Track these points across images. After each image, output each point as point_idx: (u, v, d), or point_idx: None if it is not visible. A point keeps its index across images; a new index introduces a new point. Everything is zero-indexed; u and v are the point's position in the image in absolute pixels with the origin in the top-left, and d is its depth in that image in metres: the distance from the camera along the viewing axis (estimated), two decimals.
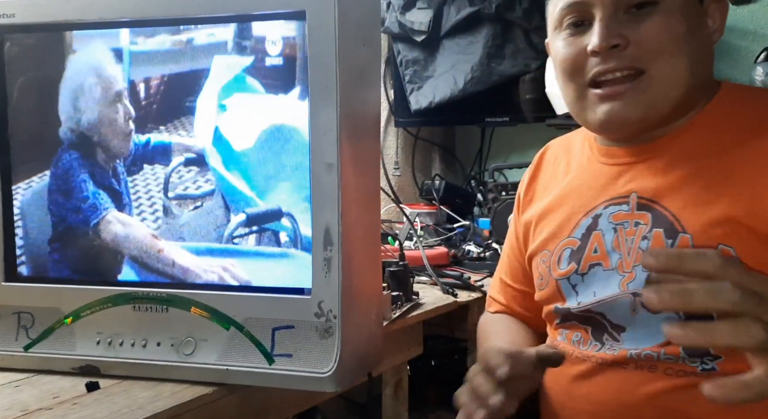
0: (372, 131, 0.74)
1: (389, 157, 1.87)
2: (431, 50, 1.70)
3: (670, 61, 0.64)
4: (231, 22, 0.66)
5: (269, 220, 0.69)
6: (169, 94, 0.69)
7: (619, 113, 0.66)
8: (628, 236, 0.67)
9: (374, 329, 0.74)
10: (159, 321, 0.68)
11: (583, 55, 0.67)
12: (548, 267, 0.75)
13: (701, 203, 0.63)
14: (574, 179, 0.76)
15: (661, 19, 0.64)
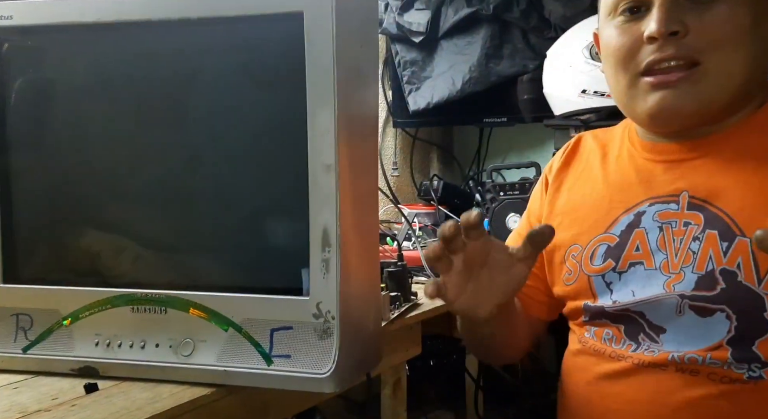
0: (370, 131, 0.74)
1: (387, 157, 1.88)
2: (429, 51, 1.70)
3: (730, 54, 0.61)
4: (228, 24, 0.66)
5: (267, 220, 0.69)
6: (167, 94, 0.69)
7: (672, 103, 0.63)
8: (676, 236, 0.65)
9: (373, 329, 0.74)
10: (157, 323, 0.68)
11: (639, 42, 0.64)
12: (579, 262, 0.73)
13: (762, 205, 0.61)
14: (613, 174, 0.74)
15: (728, 8, 0.61)
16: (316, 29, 0.63)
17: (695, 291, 0.63)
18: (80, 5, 0.69)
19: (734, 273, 0.61)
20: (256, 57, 0.67)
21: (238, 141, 0.69)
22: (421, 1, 1.69)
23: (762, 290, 0.60)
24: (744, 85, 0.64)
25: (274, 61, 0.66)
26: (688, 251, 0.64)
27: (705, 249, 0.63)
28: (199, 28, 0.67)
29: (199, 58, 0.69)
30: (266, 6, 0.65)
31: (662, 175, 0.69)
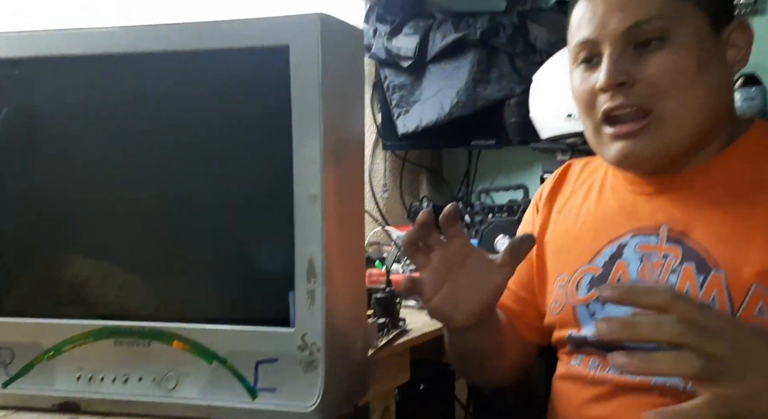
0: (356, 160, 0.75)
1: (377, 179, 1.88)
2: (418, 75, 1.72)
3: (679, 99, 0.63)
4: (215, 56, 0.67)
5: (252, 251, 0.69)
6: (152, 125, 0.70)
7: (632, 151, 0.65)
8: (656, 268, 0.66)
9: (360, 360, 0.73)
10: (141, 356, 0.67)
11: (595, 91, 0.66)
12: (565, 292, 0.74)
13: (736, 240, 0.62)
14: (599, 204, 0.75)
15: (669, 56, 0.63)
16: (302, 62, 0.63)
17: None
18: (67, 37, 0.69)
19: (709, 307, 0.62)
20: (243, 89, 0.67)
21: (224, 172, 0.69)
22: (409, 27, 1.72)
23: None
24: (702, 127, 0.65)
25: (261, 93, 0.67)
26: (667, 284, 0.65)
27: (682, 282, 0.64)
28: (186, 60, 0.68)
29: (185, 89, 0.69)
30: (253, 39, 0.65)
31: (643, 207, 0.71)
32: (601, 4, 0.66)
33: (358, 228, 0.76)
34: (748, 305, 0.60)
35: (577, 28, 0.68)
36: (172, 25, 0.68)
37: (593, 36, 0.66)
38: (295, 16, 0.63)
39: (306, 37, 0.63)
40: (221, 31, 0.66)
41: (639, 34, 0.64)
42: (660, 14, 0.63)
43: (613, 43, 0.65)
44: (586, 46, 0.67)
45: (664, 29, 0.63)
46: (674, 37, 0.63)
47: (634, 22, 0.63)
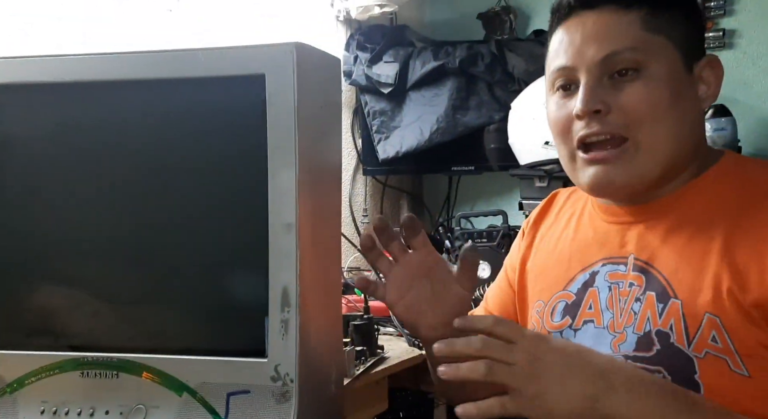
0: (332, 187, 0.75)
1: (358, 204, 1.88)
2: (398, 102, 1.74)
3: (652, 129, 0.65)
4: (191, 85, 0.67)
5: (225, 280, 0.68)
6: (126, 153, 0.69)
7: (605, 177, 0.67)
8: (622, 296, 0.68)
9: (334, 390, 0.72)
10: (108, 388, 0.65)
11: (571, 118, 0.67)
12: (542, 318, 0.75)
13: (692, 269, 0.64)
14: (576, 233, 0.76)
15: (643, 87, 0.65)
16: (277, 92, 0.63)
17: (636, 352, 0.64)
18: (41, 65, 0.69)
19: (667, 334, 0.63)
20: (219, 118, 0.67)
21: (198, 200, 0.68)
22: (389, 54, 1.74)
23: (692, 352, 0.61)
24: (674, 157, 0.66)
25: (236, 122, 0.67)
26: (631, 312, 0.66)
27: (644, 310, 0.65)
28: (162, 88, 0.67)
29: (160, 118, 0.69)
30: (229, 68, 0.66)
31: (615, 237, 0.71)
32: (579, 33, 0.67)
33: (334, 256, 0.75)
34: (703, 333, 0.61)
35: (555, 56, 0.70)
36: (147, 52, 0.68)
37: (570, 63, 0.67)
38: (271, 45, 0.64)
39: (282, 66, 0.63)
40: (197, 60, 0.66)
41: (614, 64, 0.65)
42: (635, 46, 0.65)
43: (590, 71, 0.66)
44: (562, 73, 0.69)
45: (638, 61, 0.65)
46: (648, 69, 0.65)
47: (610, 52, 0.65)
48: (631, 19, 0.65)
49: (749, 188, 0.66)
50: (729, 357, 0.60)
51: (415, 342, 1.17)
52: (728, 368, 0.60)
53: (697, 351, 0.61)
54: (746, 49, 1.60)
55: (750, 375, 0.60)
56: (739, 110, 1.51)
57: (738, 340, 0.60)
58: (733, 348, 0.60)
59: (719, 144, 1.45)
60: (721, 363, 0.60)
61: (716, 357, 0.60)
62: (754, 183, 0.66)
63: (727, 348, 0.60)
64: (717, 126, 1.46)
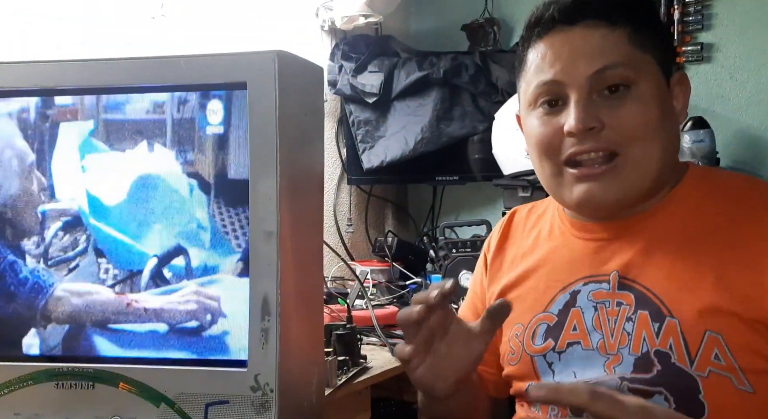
0: (314, 196, 0.74)
1: (342, 214, 1.88)
2: (382, 111, 1.75)
3: (644, 146, 0.64)
4: (171, 92, 0.66)
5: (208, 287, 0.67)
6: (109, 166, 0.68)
7: (596, 194, 0.66)
8: (611, 317, 0.66)
9: (315, 400, 0.72)
10: (84, 399, 0.64)
11: (560, 134, 0.66)
12: (521, 342, 0.73)
13: (686, 286, 0.63)
14: (549, 252, 0.75)
15: (636, 105, 0.64)
16: (259, 100, 0.63)
17: (634, 374, 0.63)
18: (20, 71, 0.68)
19: (668, 355, 0.62)
20: (200, 125, 0.67)
21: (180, 207, 0.68)
22: (374, 64, 1.75)
23: (695, 372, 0.60)
24: (660, 172, 0.67)
25: (217, 130, 0.66)
26: (623, 332, 0.65)
27: (639, 330, 0.64)
28: (143, 96, 0.67)
29: (141, 125, 0.68)
30: (211, 76, 0.65)
31: (593, 254, 0.70)
32: (566, 47, 0.66)
33: (315, 265, 0.75)
34: (705, 352, 0.60)
35: (538, 70, 0.68)
36: (128, 59, 0.67)
37: (559, 78, 0.66)
38: (253, 53, 0.64)
39: (263, 73, 0.63)
40: (178, 67, 0.66)
41: (605, 80, 0.65)
42: (625, 62, 0.64)
43: (581, 87, 0.65)
44: (549, 89, 0.67)
45: (629, 77, 0.64)
46: (638, 85, 0.65)
47: (601, 67, 0.64)
48: (618, 36, 0.65)
49: (725, 199, 0.66)
50: (733, 374, 0.59)
51: None
52: (733, 386, 0.59)
53: (701, 370, 0.60)
54: (723, 63, 1.64)
55: (754, 391, 0.59)
56: (717, 122, 1.54)
57: (741, 357, 0.59)
58: (736, 365, 0.59)
59: (698, 156, 1.47)
60: (725, 381, 0.59)
61: (720, 375, 0.60)
62: (728, 193, 0.67)
63: (731, 366, 0.59)
64: (696, 138, 1.48)
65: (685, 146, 1.48)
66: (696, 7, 1.64)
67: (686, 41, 1.66)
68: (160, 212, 0.67)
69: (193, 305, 0.66)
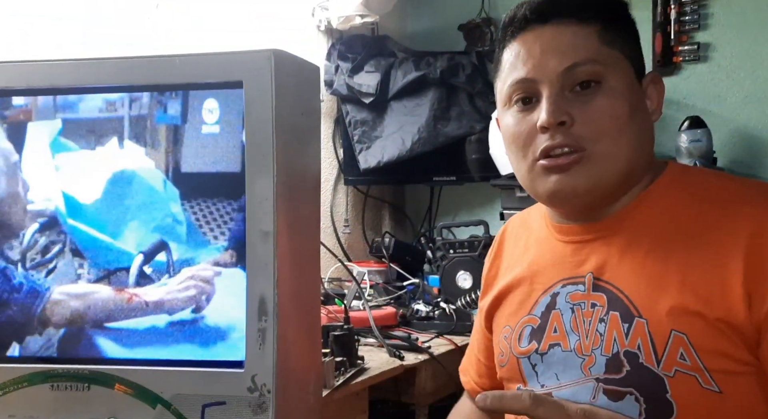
0: (311, 196, 0.74)
1: (339, 214, 1.88)
2: (379, 112, 1.74)
3: (613, 141, 0.65)
4: (168, 91, 0.66)
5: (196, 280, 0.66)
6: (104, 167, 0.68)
7: (567, 184, 0.66)
8: (586, 318, 0.67)
9: (312, 401, 0.71)
10: (79, 401, 0.63)
11: (533, 130, 0.67)
12: (509, 344, 0.74)
13: (654, 287, 0.63)
14: (534, 256, 0.76)
15: (606, 100, 0.65)
16: (255, 99, 0.63)
17: (606, 375, 0.64)
18: (14, 70, 0.67)
19: (636, 355, 0.62)
20: (196, 125, 0.66)
21: (175, 206, 0.67)
22: (370, 64, 1.75)
23: (662, 372, 0.61)
24: (629, 167, 0.67)
25: (213, 129, 0.66)
26: (596, 333, 0.66)
27: (610, 331, 0.65)
28: (136, 95, 0.66)
29: (136, 125, 0.67)
30: (206, 75, 0.65)
31: (571, 256, 0.71)
32: (537, 45, 0.67)
33: (312, 265, 0.74)
34: (670, 352, 0.61)
35: (512, 69, 0.69)
36: (124, 59, 0.67)
37: (531, 75, 0.67)
38: (249, 52, 0.63)
39: (260, 72, 0.63)
40: (174, 66, 0.65)
41: (576, 76, 0.66)
42: (595, 58, 0.66)
43: (552, 83, 0.66)
44: (522, 86, 0.68)
45: (598, 73, 0.66)
46: (608, 81, 0.66)
47: (572, 63, 0.65)
48: (588, 33, 0.66)
49: (699, 198, 0.67)
50: (698, 374, 0.60)
51: (396, 352, 1.16)
52: (699, 385, 0.60)
53: (667, 369, 0.61)
54: (720, 63, 1.64)
55: (721, 392, 0.59)
56: (714, 121, 1.54)
57: (706, 357, 0.60)
58: (702, 365, 0.60)
59: (695, 155, 1.47)
60: (691, 380, 0.60)
61: (686, 374, 0.60)
62: (703, 193, 0.67)
63: (696, 366, 0.60)
64: (693, 137, 1.48)
65: (682, 145, 1.48)
66: (692, 6, 1.64)
67: (683, 41, 1.66)
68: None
69: (184, 298, 0.66)
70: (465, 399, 0.89)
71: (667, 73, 1.66)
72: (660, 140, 1.66)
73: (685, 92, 1.67)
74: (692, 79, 1.67)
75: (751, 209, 0.62)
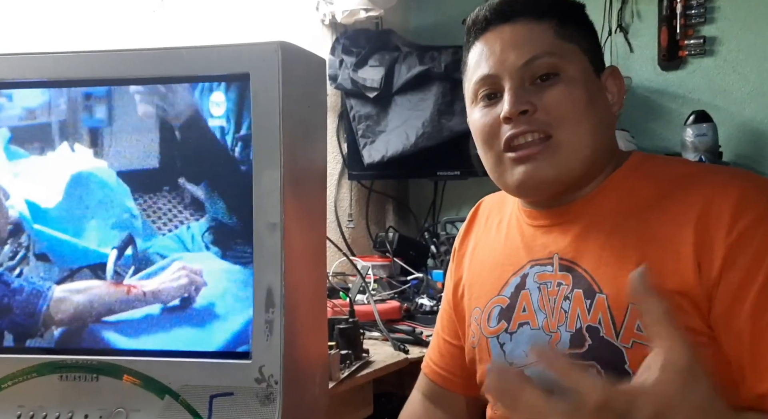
0: (317, 188, 0.74)
1: (343, 209, 1.88)
2: (383, 106, 1.74)
3: (574, 126, 0.69)
4: (174, 83, 0.66)
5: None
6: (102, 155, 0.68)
7: (533, 174, 0.69)
8: (551, 296, 0.70)
9: (319, 393, 0.72)
10: (88, 391, 0.64)
11: (497, 122, 0.70)
12: (479, 325, 0.76)
13: (613, 263, 0.66)
14: (505, 238, 0.79)
15: (564, 88, 0.69)
16: (262, 91, 0.63)
17: (570, 350, 0.67)
18: (18, 63, 0.67)
19: (597, 329, 0.65)
20: (203, 117, 0.67)
21: (183, 199, 0.67)
22: (374, 59, 1.74)
23: (620, 343, 0.64)
24: (594, 153, 0.70)
25: (220, 121, 0.66)
26: (561, 311, 0.69)
27: (574, 308, 0.68)
28: (145, 87, 0.67)
29: (143, 118, 0.68)
30: (213, 67, 0.65)
31: (539, 239, 0.74)
32: (498, 43, 0.71)
33: (319, 257, 0.75)
34: (628, 323, 0.64)
35: (476, 67, 0.73)
36: (130, 51, 0.67)
37: (493, 71, 0.70)
38: (256, 44, 0.64)
39: (266, 65, 0.63)
40: (181, 59, 0.65)
41: (535, 69, 0.69)
42: (551, 51, 0.69)
43: (513, 76, 0.69)
44: (486, 82, 0.71)
45: (556, 65, 0.69)
46: (565, 73, 0.70)
47: (530, 57, 0.69)
48: (544, 29, 0.70)
49: (658, 179, 0.70)
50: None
51: (401, 346, 1.16)
52: None
53: (625, 341, 0.64)
54: (726, 57, 1.63)
55: None
56: (720, 115, 1.54)
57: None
58: None
59: (701, 150, 1.47)
60: (647, 350, 0.60)
61: (642, 345, 0.62)
62: (662, 175, 0.70)
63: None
64: (698, 132, 1.48)
65: (687, 139, 1.48)
66: (698, 0, 1.64)
67: (689, 35, 1.65)
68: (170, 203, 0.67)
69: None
70: (414, 391, 0.91)
71: (672, 68, 1.66)
72: (665, 135, 1.68)
73: (690, 86, 1.66)
74: (698, 74, 1.66)
75: (705, 184, 0.66)
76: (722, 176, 0.67)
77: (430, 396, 0.89)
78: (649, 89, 1.71)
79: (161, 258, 0.67)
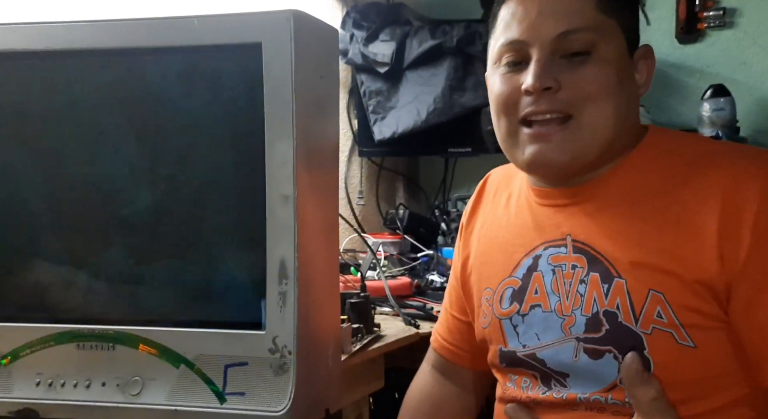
0: (330, 161, 0.74)
1: (353, 186, 1.87)
2: (394, 81, 1.72)
3: (599, 109, 0.65)
4: (184, 53, 0.66)
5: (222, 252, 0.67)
6: (121, 124, 0.68)
7: (546, 155, 0.66)
8: (566, 279, 0.68)
9: (332, 364, 0.72)
10: (104, 360, 0.65)
11: (518, 92, 0.67)
12: (491, 305, 0.75)
13: (632, 247, 0.64)
14: (515, 217, 0.77)
15: (595, 68, 0.65)
16: (274, 61, 0.62)
17: (586, 334, 0.66)
18: (29, 32, 0.67)
19: (615, 314, 0.64)
20: (214, 87, 0.66)
21: (195, 171, 0.67)
22: (385, 33, 1.72)
23: (639, 329, 0.63)
24: (614, 136, 0.67)
25: (232, 91, 0.66)
26: (577, 294, 0.67)
27: (590, 292, 0.66)
28: (155, 57, 0.66)
29: (154, 87, 0.67)
30: (224, 37, 0.64)
31: (551, 219, 0.72)
32: (535, 7, 0.66)
33: (331, 230, 0.75)
34: (648, 310, 0.62)
35: (506, 28, 0.68)
36: (141, 20, 0.66)
37: (524, 37, 0.66)
38: (268, 13, 0.63)
39: (279, 34, 0.62)
40: (192, 28, 0.65)
41: (568, 43, 0.65)
42: (589, 26, 0.65)
43: (544, 47, 0.65)
44: (513, 47, 0.67)
45: (591, 42, 0.65)
46: (599, 50, 0.65)
47: (566, 29, 0.65)
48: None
49: (673, 158, 0.67)
50: (675, 330, 0.62)
51: (412, 321, 1.17)
52: (675, 341, 0.62)
53: (645, 327, 0.63)
54: (746, 29, 1.59)
55: (696, 346, 0.61)
56: (739, 90, 1.50)
57: (682, 314, 0.61)
58: (677, 322, 0.61)
59: (718, 124, 1.44)
60: (667, 337, 0.62)
61: (663, 331, 0.62)
62: (680, 154, 0.67)
63: (672, 322, 0.62)
64: (716, 106, 1.45)
65: (704, 114, 1.45)
66: None
67: (708, 6, 1.61)
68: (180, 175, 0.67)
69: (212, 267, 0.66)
70: (424, 364, 0.92)
71: (690, 41, 1.62)
72: (681, 110, 1.65)
73: (709, 60, 1.63)
74: (716, 46, 1.62)
75: (727, 166, 0.63)
76: (744, 159, 0.64)
77: (439, 369, 0.90)
78: (666, 63, 1.68)
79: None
